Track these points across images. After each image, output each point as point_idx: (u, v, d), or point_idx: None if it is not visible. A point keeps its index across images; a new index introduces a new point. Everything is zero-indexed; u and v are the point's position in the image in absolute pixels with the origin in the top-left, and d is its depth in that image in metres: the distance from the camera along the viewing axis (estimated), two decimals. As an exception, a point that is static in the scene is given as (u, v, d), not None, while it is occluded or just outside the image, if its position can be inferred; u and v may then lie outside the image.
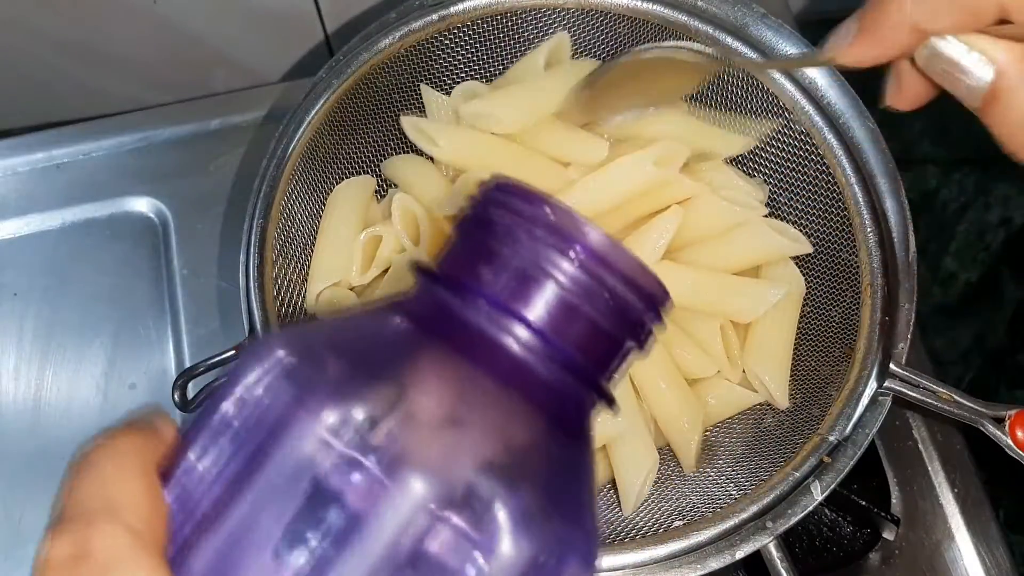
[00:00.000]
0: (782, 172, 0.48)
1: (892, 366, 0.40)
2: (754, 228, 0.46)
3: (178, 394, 0.41)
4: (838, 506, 0.48)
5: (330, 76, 0.46)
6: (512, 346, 0.19)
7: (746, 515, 0.39)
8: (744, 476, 0.43)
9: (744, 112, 0.48)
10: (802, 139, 0.46)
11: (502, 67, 0.50)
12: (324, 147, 0.47)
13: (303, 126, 0.45)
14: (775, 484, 0.40)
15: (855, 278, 0.44)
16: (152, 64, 0.60)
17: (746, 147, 0.49)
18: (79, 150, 0.56)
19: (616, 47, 0.49)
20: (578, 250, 0.19)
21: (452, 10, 0.47)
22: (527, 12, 0.48)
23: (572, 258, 0.19)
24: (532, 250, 0.19)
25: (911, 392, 0.40)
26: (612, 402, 0.21)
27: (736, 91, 0.48)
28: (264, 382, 0.18)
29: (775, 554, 0.39)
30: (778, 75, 0.45)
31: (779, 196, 0.48)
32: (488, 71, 0.50)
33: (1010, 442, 0.38)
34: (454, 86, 0.50)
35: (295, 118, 0.45)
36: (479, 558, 0.17)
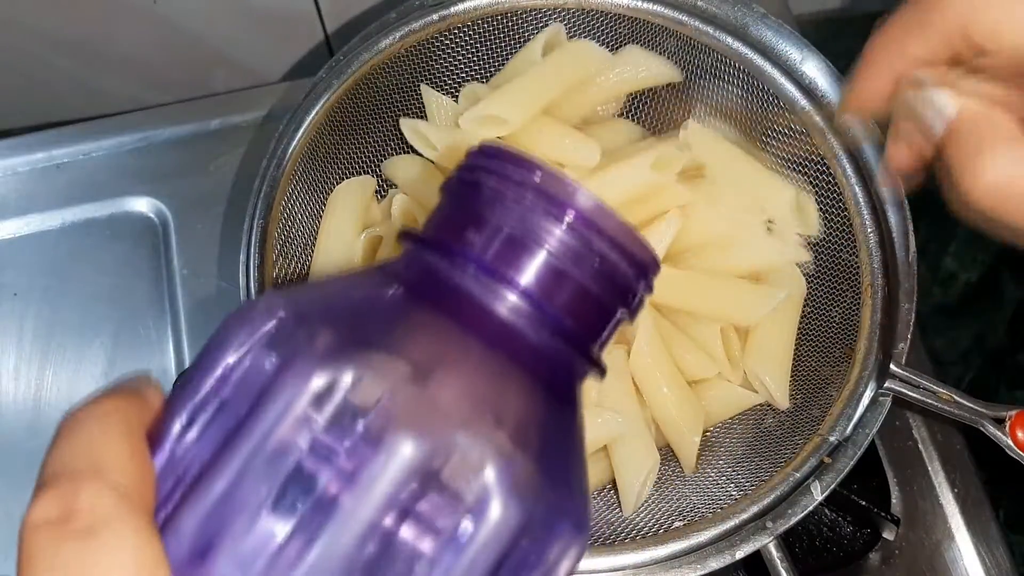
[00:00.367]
0: (782, 172, 0.48)
1: (892, 366, 0.40)
2: (753, 234, 0.46)
3: (178, 394, 0.41)
4: (838, 506, 0.48)
5: (330, 76, 0.46)
6: (501, 310, 0.19)
7: (746, 515, 0.39)
8: (744, 476, 0.43)
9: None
10: (802, 139, 0.46)
11: (502, 67, 0.50)
12: (324, 147, 0.47)
13: (303, 126, 0.45)
14: (775, 484, 0.40)
15: (855, 278, 0.44)
16: (152, 64, 0.60)
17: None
18: (79, 150, 0.56)
19: (616, 47, 0.49)
20: (567, 213, 0.19)
21: (452, 10, 0.47)
22: (527, 12, 0.48)
23: (561, 221, 0.19)
24: (520, 213, 0.19)
25: (911, 392, 0.40)
26: (602, 370, 0.20)
27: (737, 90, 0.48)
28: (251, 345, 0.18)
29: (775, 554, 0.39)
30: (778, 75, 0.45)
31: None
32: (488, 71, 0.50)
33: (1010, 442, 0.38)
34: (454, 86, 0.50)
35: (295, 118, 0.45)
36: (469, 523, 0.17)
